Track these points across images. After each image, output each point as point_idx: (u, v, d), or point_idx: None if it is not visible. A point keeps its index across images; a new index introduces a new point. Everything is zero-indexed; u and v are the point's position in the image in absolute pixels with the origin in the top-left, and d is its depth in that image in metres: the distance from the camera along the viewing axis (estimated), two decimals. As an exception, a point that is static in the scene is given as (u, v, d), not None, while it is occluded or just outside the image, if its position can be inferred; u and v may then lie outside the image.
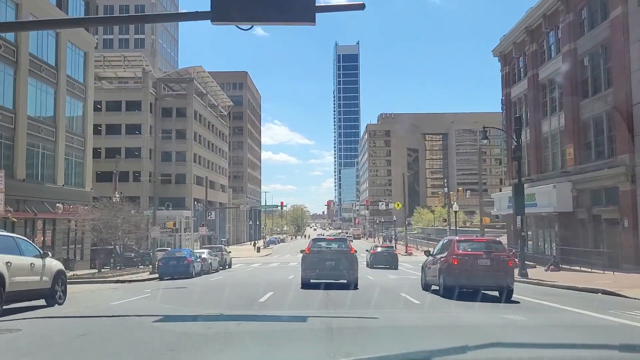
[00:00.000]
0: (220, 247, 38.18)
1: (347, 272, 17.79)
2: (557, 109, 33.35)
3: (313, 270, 17.87)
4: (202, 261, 29.20)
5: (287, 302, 13.88)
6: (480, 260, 15.15)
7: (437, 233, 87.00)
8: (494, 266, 15.05)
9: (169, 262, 25.95)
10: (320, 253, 18.33)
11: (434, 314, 11.94)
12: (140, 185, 67.67)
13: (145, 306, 13.66)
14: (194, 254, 28.48)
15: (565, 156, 31.65)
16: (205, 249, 34.94)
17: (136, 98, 68.53)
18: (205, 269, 29.54)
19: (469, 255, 15.32)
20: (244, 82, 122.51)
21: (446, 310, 12.47)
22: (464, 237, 21.99)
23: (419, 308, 13.00)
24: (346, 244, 19.38)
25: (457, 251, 15.36)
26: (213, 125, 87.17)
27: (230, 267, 37.80)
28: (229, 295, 15.38)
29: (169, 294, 17.72)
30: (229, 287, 18.96)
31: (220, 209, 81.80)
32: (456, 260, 15.05)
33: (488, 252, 15.40)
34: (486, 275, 14.95)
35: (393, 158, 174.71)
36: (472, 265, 15.03)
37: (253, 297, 14.51)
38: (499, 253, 15.60)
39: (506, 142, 40.59)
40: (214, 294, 16.70)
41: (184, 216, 69.28)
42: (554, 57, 33.69)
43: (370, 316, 10.54)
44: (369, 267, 35.77)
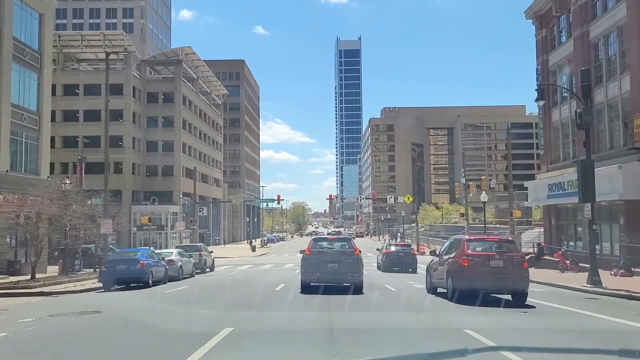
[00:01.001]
0: (198, 246, 31.43)
1: (352, 275, 16.45)
2: (618, 71, 26.68)
3: (314, 273, 16.54)
4: (168, 264, 22.67)
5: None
6: (493, 261, 14.15)
7: (446, 230, 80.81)
8: (507, 268, 14.04)
9: (116, 266, 19.31)
10: (322, 254, 16.89)
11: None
12: (121, 177, 61.04)
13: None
14: (155, 255, 21.83)
15: (631, 129, 24.93)
16: (177, 248, 28.24)
17: (117, 81, 61.77)
18: (173, 273, 22.98)
19: (480, 256, 14.29)
20: (240, 71, 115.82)
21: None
22: (474, 236, 19.88)
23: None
24: (350, 244, 17.74)
25: (467, 251, 14.37)
26: (206, 114, 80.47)
27: (212, 269, 31.27)
28: (148, 338, 8.83)
29: (31, 336, 9.68)
30: (178, 307, 12.56)
31: (211, 202, 75.08)
32: (466, 262, 14.08)
33: (501, 253, 14.41)
34: (499, 277, 13.93)
35: (397, 153, 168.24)
36: (483, 266, 14.03)
37: (192, 343, 7.89)
38: (512, 253, 14.54)
39: (543, 119, 33.95)
40: (121, 336, 9.39)
41: (171, 212, 62.68)
42: (612, 7, 27.01)
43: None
44: (381, 270, 29.20)
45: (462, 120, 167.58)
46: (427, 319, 11.27)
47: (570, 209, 30.37)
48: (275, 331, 9.14)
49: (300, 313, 12.01)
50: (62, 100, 61.59)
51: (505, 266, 14.04)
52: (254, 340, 8.24)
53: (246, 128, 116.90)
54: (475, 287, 13.89)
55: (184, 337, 8.61)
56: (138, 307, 14.31)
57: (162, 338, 8.86)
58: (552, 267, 28.33)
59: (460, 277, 14.08)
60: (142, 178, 65.11)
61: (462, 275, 14.06)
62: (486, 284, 13.91)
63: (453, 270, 14.41)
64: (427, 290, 16.91)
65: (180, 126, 66.15)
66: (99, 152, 61.59)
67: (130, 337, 9.18)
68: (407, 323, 10.20)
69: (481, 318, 11.09)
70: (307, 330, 8.92)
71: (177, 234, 64.33)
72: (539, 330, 9.62)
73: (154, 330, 9.61)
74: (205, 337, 8.07)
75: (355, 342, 7.90)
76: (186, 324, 10.13)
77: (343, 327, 9.53)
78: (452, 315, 11.81)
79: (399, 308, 13.32)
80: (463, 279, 14.00)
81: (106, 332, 9.79)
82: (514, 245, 15.61)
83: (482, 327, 8.98)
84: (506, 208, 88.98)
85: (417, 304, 14.25)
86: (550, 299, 15.92)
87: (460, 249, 14.71)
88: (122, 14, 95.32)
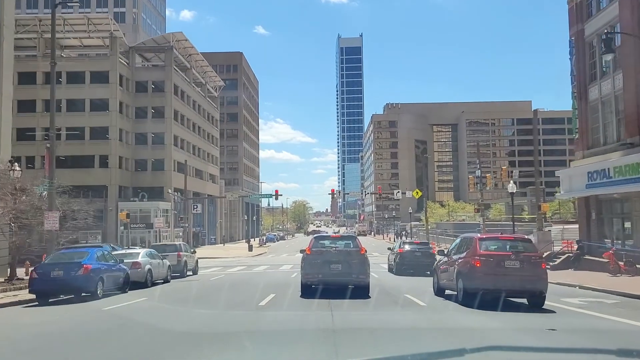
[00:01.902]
0: (176, 245, 26.69)
1: (357, 277, 15.13)
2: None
3: (315, 275, 15.20)
4: (132, 267, 18.23)
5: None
6: (508, 261, 13.13)
7: (454, 228, 76.54)
8: (524, 269, 13.04)
9: (51, 271, 14.75)
10: (324, 253, 15.49)
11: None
12: (107, 172, 56.56)
13: None
14: (110, 257, 17.26)
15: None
16: (146, 248, 23.46)
17: (103, 68, 57.45)
18: (138, 278, 18.48)
19: (494, 256, 13.29)
20: (238, 64, 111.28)
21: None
22: (487, 234, 18.18)
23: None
24: (355, 243, 16.38)
25: (479, 251, 13.34)
26: (200, 106, 75.95)
27: (194, 272, 26.78)
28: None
29: None
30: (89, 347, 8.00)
31: (206, 198, 70.49)
32: (479, 262, 13.11)
33: (517, 252, 13.35)
34: (515, 279, 12.90)
35: (400, 150, 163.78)
36: (497, 267, 13.03)
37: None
38: (529, 253, 13.53)
39: (577, 99, 29.40)
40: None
41: (161, 208, 58.20)
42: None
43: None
44: (394, 273, 24.68)
45: (466, 117, 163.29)
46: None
47: (617, 201, 25.83)
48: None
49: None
50: (44, 89, 57.12)
51: (522, 267, 13.07)
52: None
53: (244, 123, 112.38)
54: (489, 289, 12.89)
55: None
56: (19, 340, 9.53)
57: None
58: (598, 268, 23.86)
59: (472, 279, 13.12)
60: (131, 173, 60.64)
61: (474, 277, 13.10)
62: (501, 286, 12.84)
63: (464, 271, 13.47)
64: (435, 292, 15.91)
65: (172, 117, 61.65)
66: (83, 144, 57.41)
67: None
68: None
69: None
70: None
71: (168, 232, 59.93)
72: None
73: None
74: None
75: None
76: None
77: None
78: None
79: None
80: (475, 281, 13.02)
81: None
82: (531, 244, 14.44)
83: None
84: (517, 205, 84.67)
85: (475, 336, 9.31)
86: (611, 310, 12.60)
87: (471, 248, 13.71)
88: (113, 2, 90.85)
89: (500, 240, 14.26)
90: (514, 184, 29.41)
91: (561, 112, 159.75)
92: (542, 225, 31.66)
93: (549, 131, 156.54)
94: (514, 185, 29.30)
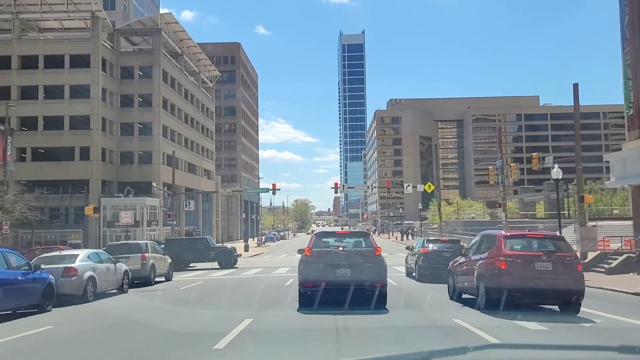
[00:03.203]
0: (139, 245, 20.82)
1: (372, 285, 11.68)
2: None
3: (317, 282, 11.68)
4: (64, 276, 13.27)
5: None
6: (538, 263, 11.53)
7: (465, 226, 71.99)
8: (557, 271, 11.49)
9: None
10: (328, 255, 12.04)
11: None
12: (88, 165, 51.53)
13: None
14: (21, 262, 12.13)
15: None
16: (91, 249, 17.78)
17: (83, 51, 52.44)
18: (73, 291, 13.43)
19: (523, 256, 11.76)
20: (236, 55, 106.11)
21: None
22: (512, 231, 15.21)
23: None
24: (368, 241, 12.80)
25: (505, 251, 11.81)
26: (193, 96, 70.89)
27: (168, 278, 21.64)
28: None
29: None
30: None
31: (192, 193, 65.30)
32: (505, 264, 11.59)
33: (548, 253, 11.72)
34: (547, 283, 11.38)
35: (404, 147, 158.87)
36: (526, 270, 11.46)
37: None
38: (563, 253, 11.90)
39: (632, 67, 24.34)
40: None
41: (148, 205, 53.18)
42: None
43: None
44: (417, 279, 19.63)
45: (472, 112, 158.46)
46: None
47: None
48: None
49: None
50: (19, 74, 52.25)
51: (554, 269, 11.54)
52: None
53: (243, 117, 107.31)
54: (516, 294, 11.51)
55: None
56: None
57: None
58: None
59: (496, 283, 11.62)
60: (116, 166, 55.62)
61: (499, 280, 11.58)
62: (530, 291, 11.52)
63: (487, 274, 12.03)
64: (450, 297, 14.43)
65: (160, 106, 56.58)
66: (62, 134, 52.44)
67: None
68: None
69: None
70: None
71: (156, 232, 54.96)
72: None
73: None
74: None
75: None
76: None
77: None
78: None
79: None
80: (501, 285, 11.49)
81: None
82: (565, 243, 12.69)
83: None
84: (531, 201, 79.44)
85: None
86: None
87: (495, 247, 12.24)
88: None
89: (529, 238, 12.69)
90: (558, 168, 24.32)
91: (567, 107, 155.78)
92: (586, 220, 26.51)
93: (555, 127, 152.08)
94: (559, 170, 24.21)
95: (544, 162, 30.63)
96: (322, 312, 10.83)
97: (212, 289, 17.68)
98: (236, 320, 9.80)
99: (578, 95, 27.27)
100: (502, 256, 11.77)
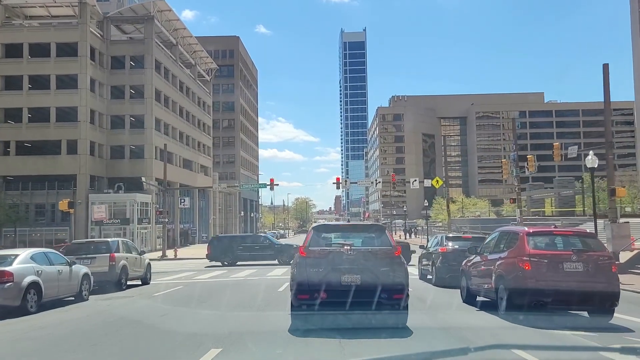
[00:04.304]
0: (107, 243, 17.01)
1: (390, 298, 8.85)
2: None
3: (314, 294, 8.82)
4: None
5: None
6: (568, 263, 10.15)
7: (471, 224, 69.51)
8: (589, 273, 10.11)
9: None
10: (330, 256, 9.18)
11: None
12: (76, 159, 48.70)
13: None
14: None
15: None
16: (37, 249, 14.24)
17: (70, 39, 49.62)
18: (9, 300, 10.65)
19: (550, 256, 10.35)
20: (235, 49, 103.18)
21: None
22: (536, 228, 13.03)
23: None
24: (384, 238, 9.85)
25: (529, 250, 10.38)
26: (189, 89, 68.06)
27: (145, 282, 18.62)
28: None
29: None
30: None
31: (186, 189, 62.39)
32: (529, 264, 10.17)
33: (579, 252, 10.29)
34: (577, 286, 9.97)
35: (406, 145, 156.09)
36: (554, 271, 10.11)
37: None
38: (595, 252, 10.47)
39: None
40: None
41: (139, 201, 50.39)
42: None
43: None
44: (433, 284, 16.77)
45: (476, 109, 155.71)
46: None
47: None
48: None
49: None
50: (3, 64, 49.49)
51: (586, 270, 10.07)
52: None
53: (242, 113, 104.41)
54: (542, 299, 10.07)
55: None
56: None
57: None
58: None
59: (519, 285, 10.14)
60: (105, 161, 52.79)
61: (522, 282, 10.11)
62: (558, 295, 9.99)
63: (508, 275, 10.50)
64: (462, 299, 12.95)
65: (153, 97, 53.74)
66: (48, 127, 49.63)
67: None
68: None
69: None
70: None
71: (149, 229, 52.19)
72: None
73: None
74: None
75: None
76: None
77: None
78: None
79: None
80: (524, 287, 10.04)
81: None
82: (597, 241, 10.96)
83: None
84: (540, 199, 76.62)
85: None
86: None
87: (517, 246, 10.73)
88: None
89: (556, 236, 11.17)
90: (594, 156, 21.47)
91: (572, 104, 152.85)
92: (617, 215, 23.69)
93: (560, 124, 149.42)
94: (594, 158, 21.36)
95: (568, 153, 27.79)
96: (322, 335, 8.18)
97: (187, 296, 14.82)
98: (197, 352, 6.95)
99: (608, 77, 24.59)
100: (526, 255, 10.38)
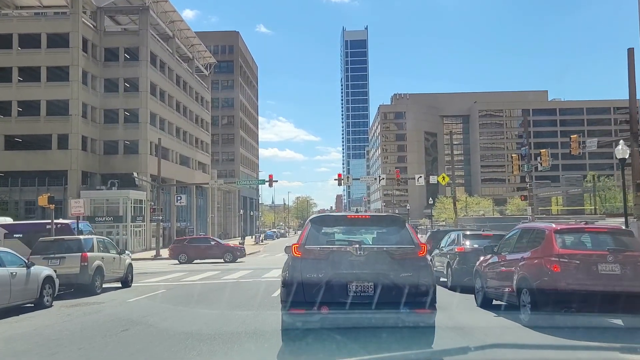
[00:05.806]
0: (80, 241, 14.69)
1: (411, 313, 6.77)
2: None
3: (312, 307, 6.75)
4: None
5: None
6: (603, 265, 8.89)
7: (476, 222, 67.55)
8: (626, 275, 8.87)
9: None
10: (333, 257, 7.10)
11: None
12: (67, 154, 46.84)
13: None
14: None
15: None
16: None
17: (62, 30, 47.75)
18: None
19: (583, 256, 9.17)
20: (234, 44, 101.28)
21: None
22: (565, 225, 10.69)
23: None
24: (405, 232, 7.51)
25: (558, 249, 9.18)
26: (186, 84, 66.22)
27: (126, 284, 16.82)
28: None
29: None
30: None
31: (182, 186, 60.60)
32: (558, 266, 8.98)
33: (614, 252, 9.03)
34: (614, 290, 8.73)
35: (408, 143, 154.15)
36: (587, 273, 8.87)
37: None
38: (633, 252, 9.23)
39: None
40: None
41: (132, 199, 48.53)
42: None
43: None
44: (449, 288, 14.72)
45: (479, 107, 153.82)
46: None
47: None
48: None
49: None
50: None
51: (623, 272, 8.84)
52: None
53: (241, 110, 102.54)
54: (573, 304, 8.79)
55: None
56: None
57: None
58: None
59: (547, 289, 8.94)
60: (98, 156, 50.91)
61: (551, 286, 8.91)
62: (592, 300, 8.65)
63: (533, 278, 9.31)
64: (477, 303, 11.83)
65: (148, 91, 51.87)
66: (38, 121, 47.75)
67: None
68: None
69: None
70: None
71: (143, 227, 50.32)
72: None
73: None
74: None
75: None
76: None
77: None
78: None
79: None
80: (552, 291, 8.84)
81: None
82: (634, 240, 9.74)
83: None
84: (545, 197, 74.76)
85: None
86: None
87: (543, 245, 9.51)
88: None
89: (588, 233, 9.86)
90: (624, 146, 19.49)
91: (576, 102, 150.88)
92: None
93: (563, 122, 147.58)
94: (625, 148, 19.38)
95: (585, 146, 25.93)
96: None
97: (166, 303, 12.87)
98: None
99: (634, 62, 22.70)
100: (555, 256, 9.21)
